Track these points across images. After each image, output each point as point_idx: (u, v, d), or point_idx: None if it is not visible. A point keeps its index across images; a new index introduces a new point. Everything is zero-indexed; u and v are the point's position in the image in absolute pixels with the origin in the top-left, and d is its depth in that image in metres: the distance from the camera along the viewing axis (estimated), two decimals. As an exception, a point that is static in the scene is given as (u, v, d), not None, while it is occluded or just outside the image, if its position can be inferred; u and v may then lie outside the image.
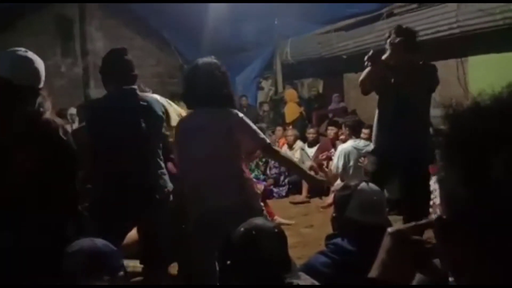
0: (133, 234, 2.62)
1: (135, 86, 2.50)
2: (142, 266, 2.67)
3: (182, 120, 2.59)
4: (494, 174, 0.45)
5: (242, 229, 1.58)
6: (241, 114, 2.42)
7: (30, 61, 1.86)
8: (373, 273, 0.68)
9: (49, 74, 1.99)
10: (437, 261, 0.64)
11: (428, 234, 0.64)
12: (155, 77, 9.09)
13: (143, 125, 2.43)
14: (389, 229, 0.68)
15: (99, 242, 1.51)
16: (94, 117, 2.50)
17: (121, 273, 1.50)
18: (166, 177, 2.54)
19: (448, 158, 0.51)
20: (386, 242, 0.67)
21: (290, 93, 8.40)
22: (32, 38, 7.82)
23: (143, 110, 2.46)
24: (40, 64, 1.90)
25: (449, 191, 0.50)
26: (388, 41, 2.96)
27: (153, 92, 3.24)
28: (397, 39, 2.90)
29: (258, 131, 2.47)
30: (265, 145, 2.42)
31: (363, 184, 1.86)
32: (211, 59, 2.47)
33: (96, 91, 5.83)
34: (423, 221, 0.67)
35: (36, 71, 1.86)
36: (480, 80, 5.85)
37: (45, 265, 1.63)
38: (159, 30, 9.39)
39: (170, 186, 2.54)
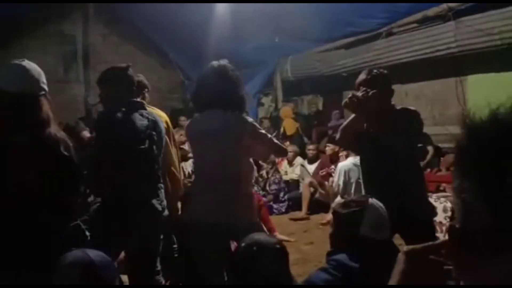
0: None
1: (143, 101, 2.52)
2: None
3: (192, 123, 2.54)
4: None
5: (243, 244, 1.58)
6: (251, 119, 2.41)
7: (26, 69, 1.87)
8: None
9: (51, 91, 2.00)
10: (450, 282, 0.64)
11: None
12: (156, 93, 9.14)
13: (153, 139, 2.45)
14: (405, 248, 0.68)
15: (93, 253, 1.45)
16: (105, 129, 2.47)
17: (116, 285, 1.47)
18: (163, 192, 2.55)
19: (466, 170, 0.51)
20: (401, 261, 0.67)
21: (285, 110, 8.52)
22: (34, 55, 7.90)
23: (152, 124, 2.48)
24: (36, 71, 1.90)
25: (465, 201, 0.50)
26: (361, 88, 2.50)
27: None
28: (370, 92, 2.43)
29: (270, 135, 2.47)
30: (282, 149, 2.52)
31: (372, 200, 1.86)
32: (225, 62, 2.46)
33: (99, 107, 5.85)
34: (439, 241, 0.67)
35: (33, 78, 1.87)
36: (479, 99, 5.86)
37: (39, 275, 1.59)
38: (161, 47, 9.49)
39: (165, 202, 2.54)
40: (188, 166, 6.80)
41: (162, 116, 2.95)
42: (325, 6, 6.03)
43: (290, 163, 6.66)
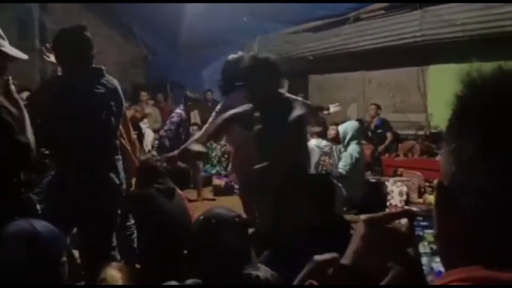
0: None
1: (103, 67, 2.36)
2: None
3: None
4: None
5: (202, 217, 1.54)
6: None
7: None
8: (346, 260, 0.66)
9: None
10: (411, 250, 0.63)
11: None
12: (117, 65, 8.81)
13: (112, 108, 2.31)
14: (362, 217, 0.67)
15: (38, 224, 1.34)
16: (58, 94, 2.28)
17: (64, 259, 1.34)
18: (120, 164, 2.43)
19: (465, 123, 0.49)
20: (359, 229, 0.65)
21: None
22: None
23: (111, 93, 2.33)
24: None
25: (461, 161, 0.49)
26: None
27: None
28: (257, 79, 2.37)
29: None
30: None
31: None
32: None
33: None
34: (397, 210, 0.66)
35: None
36: (439, 89, 6.08)
37: None
38: (125, 20, 9.11)
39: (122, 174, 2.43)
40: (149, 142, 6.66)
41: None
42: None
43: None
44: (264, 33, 8.17)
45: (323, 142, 4.77)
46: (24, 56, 1.95)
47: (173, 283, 1.49)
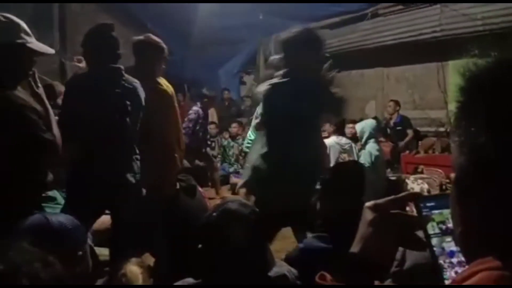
0: (106, 220, 2.53)
1: (122, 66, 2.38)
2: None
3: None
4: None
5: (215, 212, 1.53)
6: None
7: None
8: (354, 248, 0.66)
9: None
10: (419, 233, 0.62)
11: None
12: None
13: (126, 110, 2.33)
14: (367, 203, 0.66)
15: (54, 217, 1.34)
16: (76, 93, 2.31)
17: (80, 253, 1.34)
18: (138, 164, 2.45)
19: (471, 115, 0.49)
20: (364, 216, 0.65)
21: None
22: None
23: (128, 93, 2.34)
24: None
25: (467, 143, 0.49)
26: None
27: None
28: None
29: None
30: None
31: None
32: None
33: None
34: (402, 194, 0.65)
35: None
36: (460, 84, 5.93)
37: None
38: (141, 19, 9.21)
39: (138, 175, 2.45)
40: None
41: (168, 87, 2.81)
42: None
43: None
44: (280, 31, 8.14)
45: (343, 140, 4.76)
46: (51, 50, 1.98)
47: (190, 280, 1.49)
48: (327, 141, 5.05)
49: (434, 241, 0.60)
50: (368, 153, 4.67)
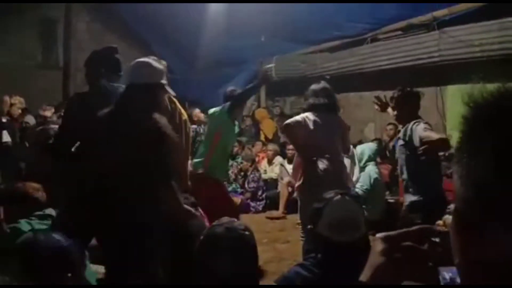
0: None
1: (123, 85, 2.43)
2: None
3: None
4: None
5: (208, 230, 1.53)
6: None
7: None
8: (363, 277, 0.67)
9: (28, 77, 1.94)
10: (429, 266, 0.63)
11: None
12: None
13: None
14: (378, 234, 0.67)
15: (43, 238, 1.38)
16: (75, 111, 2.38)
17: (69, 274, 1.36)
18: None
19: (474, 147, 0.49)
20: (377, 246, 0.66)
21: (260, 112, 8.68)
22: (14, 37, 7.65)
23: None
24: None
25: (471, 175, 0.48)
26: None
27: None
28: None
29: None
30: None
31: (337, 198, 1.76)
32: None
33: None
34: (414, 228, 0.66)
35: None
36: (458, 109, 5.99)
37: None
38: (145, 39, 9.34)
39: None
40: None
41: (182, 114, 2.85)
42: (312, 8, 6.05)
43: (270, 162, 6.65)
44: (281, 53, 8.26)
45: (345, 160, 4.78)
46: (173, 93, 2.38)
47: None
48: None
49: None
50: (367, 175, 4.70)
